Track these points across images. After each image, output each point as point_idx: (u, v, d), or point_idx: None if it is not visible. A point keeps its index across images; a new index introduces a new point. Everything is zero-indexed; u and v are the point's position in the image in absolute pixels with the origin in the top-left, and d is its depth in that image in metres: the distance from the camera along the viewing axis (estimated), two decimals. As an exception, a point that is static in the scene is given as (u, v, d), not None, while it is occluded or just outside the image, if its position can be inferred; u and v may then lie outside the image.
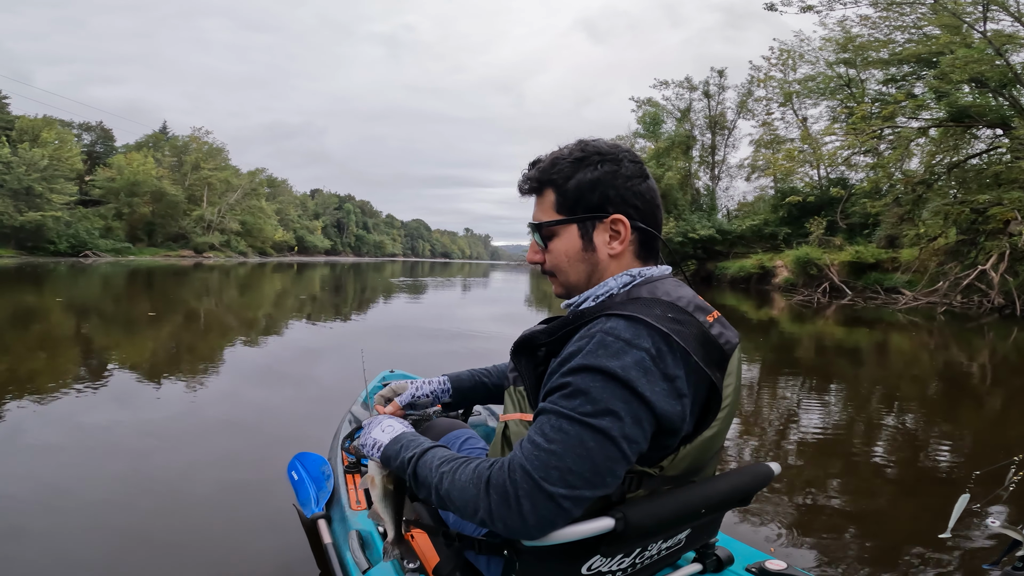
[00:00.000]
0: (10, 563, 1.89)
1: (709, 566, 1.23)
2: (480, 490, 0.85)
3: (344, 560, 1.43)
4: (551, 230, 1.04)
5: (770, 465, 1.16)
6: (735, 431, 3.81)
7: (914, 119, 16.33)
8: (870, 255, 18.83)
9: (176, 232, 49.79)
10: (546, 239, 1.05)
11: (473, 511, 0.86)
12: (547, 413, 0.86)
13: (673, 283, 1.01)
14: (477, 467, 0.88)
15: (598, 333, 0.87)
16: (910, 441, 3.83)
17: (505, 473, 0.83)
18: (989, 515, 1.48)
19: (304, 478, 1.96)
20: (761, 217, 26.98)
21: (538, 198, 1.06)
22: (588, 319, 0.92)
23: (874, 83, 21.15)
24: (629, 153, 1.04)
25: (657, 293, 0.96)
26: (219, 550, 2.07)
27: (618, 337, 0.86)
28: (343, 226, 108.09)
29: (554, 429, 0.83)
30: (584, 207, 1.01)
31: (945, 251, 15.30)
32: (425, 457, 0.96)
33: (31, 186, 36.10)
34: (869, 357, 7.83)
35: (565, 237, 1.03)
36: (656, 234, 1.05)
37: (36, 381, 4.45)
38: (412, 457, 0.97)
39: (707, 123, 31.67)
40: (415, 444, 1.00)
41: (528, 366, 1.01)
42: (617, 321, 0.88)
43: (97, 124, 56.26)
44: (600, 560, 0.98)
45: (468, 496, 0.86)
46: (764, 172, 24.10)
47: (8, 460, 2.82)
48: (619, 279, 1.01)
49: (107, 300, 12.43)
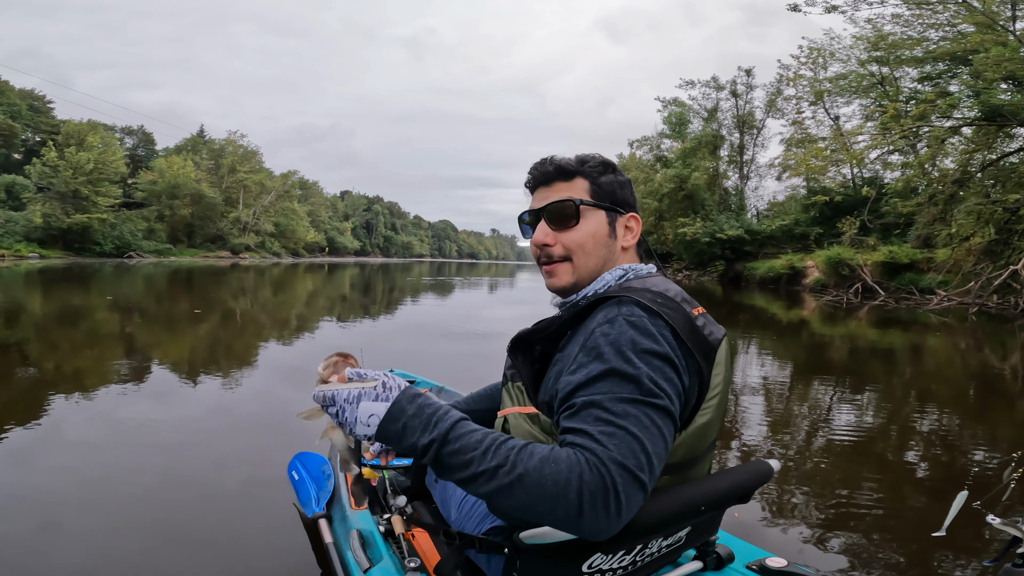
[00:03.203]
0: (45, 555, 1.96)
1: (710, 564, 1.24)
2: (565, 490, 0.76)
3: (345, 559, 1.42)
4: (585, 209, 1.09)
5: (770, 463, 1.18)
6: (742, 428, 3.89)
7: (946, 118, 15.93)
8: (904, 255, 18.41)
9: (214, 233, 51.29)
10: (570, 220, 1.08)
11: (548, 511, 0.77)
12: (597, 404, 0.83)
13: (662, 280, 1.08)
14: (549, 461, 0.78)
15: (619, 318, 0.91)
16: (916, 439, 3.81)
17: (599, 469, 0.76)
18: (989, 512, 1.43)
19: (304, 478, 1.96)
20: (792, 217, 26.55)
21: (564, 183, 1.11)
22: (586, 309, 0.99)
23: (908, 81, 20.67)
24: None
25: (647, 285, 1.02)
26: (231, 548, 2.08)
27: (639, 320, 0.90)
28: (372, 227, 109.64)
29: (620, 416, 0.81)
30: (613, 201, 1.11)
31: (978, 251, 14.91)
32: (456, 445, 0.82)
33: (78, 189, 37.56)
34: (889, 356, 7.76)
35: (594, 220, 1.09)
36: (646, 241, 1.20)
37: (81, 378, 4.69)
38: (433, 442, 0.82)
39: (735, 122, 31.32)
40: (429, 421, 0.84)
41: (525, 362, 1.06)
42: (631, 307, 0.92)
43: (139, 128, 58.49)
44: (601, 558, 0.98)
45: (543, 495, 0.77)
46: (792, 172, 23.69)
47: (50, 455, 2.92)
48: (614, 273, 1.09)
49: (153, 299, 12.98)
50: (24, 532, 2.09)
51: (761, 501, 2.61)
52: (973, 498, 1.52)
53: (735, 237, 26.72)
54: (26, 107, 46.03)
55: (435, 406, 0.87)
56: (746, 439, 3.65)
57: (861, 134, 19.63)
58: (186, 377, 4.88)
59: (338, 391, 0.87)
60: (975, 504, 1.54)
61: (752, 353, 7.41)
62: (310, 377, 0.94)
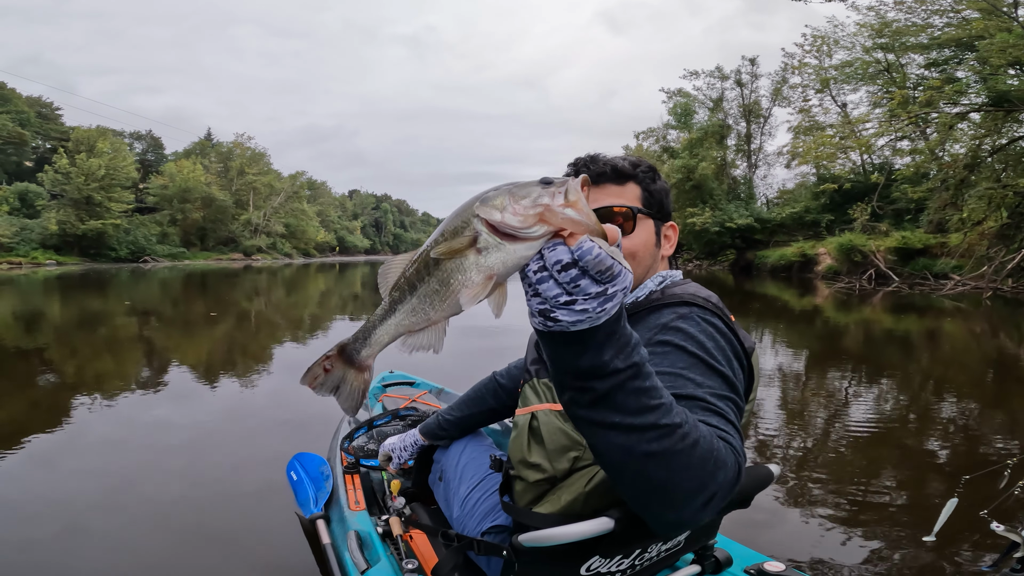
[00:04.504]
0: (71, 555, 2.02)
1: (708, 567, 1.23)
2: (722, 470, 0.69)
3: (343, 560, 1.40)
4: (642, 218, 1.08)
5: (770, 467, 1.18)
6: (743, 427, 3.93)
7: (954, 104, 15.75)
8: (917, 240, 18.24)
9: (226, 236, 51.71)
10: (635, 225, 1.07)
11: (694, 488, 0.68)
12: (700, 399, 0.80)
13: (695, 285, 1.08)
14: (714, 437, 0.71)
15: (694, 316, 0.92)
16: (917, 439, 3.77)
17: (737, 457, 0.73)
18: (989, 517, 1.47)
19: (303, 478, 1.96)
20: (802, 205, 26.37)
21: (616, 187, 1.09)
22: (644, 309, 0.99)
23: (915, 67, 20.40)
24: None
25: (690, 291, 1.02)
26: (231, 548, 2.09)
27: (716, 322, 0.93)
28: (381, 225, 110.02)
29: (723, 411, 0.80)
30: (661, 210, 1.12)
31: (991, 235, 14.77)
32: (648, 383, 0.65)
33: (90, 195, 37.94)
34: (900, 342, 7.70)
35: (646, 229, 1.09)
36: (680, 245, 1.21)
37: (102, 382, 4.81)
38: (630, 368, 0.64)
39: (741, 112, 31.08)
40: (629, 341, 0.64)
41: None
42: (704, 311, 0.94)
43: (147, 133, 59.04)
44: (599, 561, 0.98)
45: (703, 470, 0.67)
46: (801, 160, 23.50)
47: (74, 458, 2.98)
48: (655, 279, 1.09)
49: (170, 303, 13.20)
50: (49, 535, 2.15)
51: (760, 504, 2.58)
52: (972, 503, 1.58)
53: (745, 226, 26.59)
54: (34, 114, 46.51)
55: (627, 326, 0.65)
56: (747, 436, 3.64)
57: (869, 121, 19.41)
58: (203, 379, 4.99)
59: (623, 270, 0.58)
60: (983, 513, 1.58)
61: (765, 343, 7.43)
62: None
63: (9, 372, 5.19)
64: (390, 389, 2.60)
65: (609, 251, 0.55)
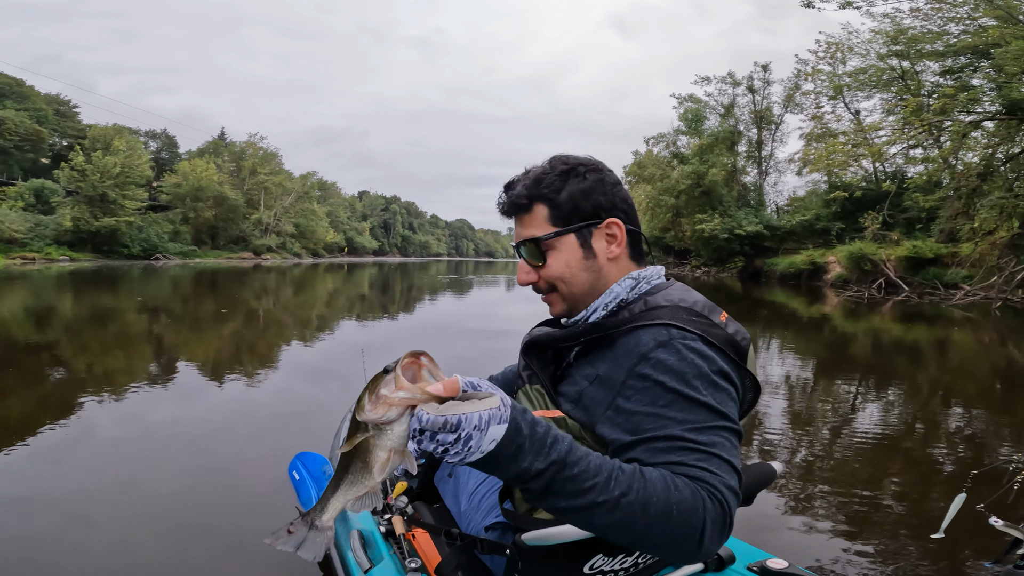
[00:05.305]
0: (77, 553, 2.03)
1: (710, 565, 1.23)
2: (692, 519, 0.72)
3: (346, 560, 1.40)
4: (549, 243, 1.02)
5: (773, 465, 1.17)
6: (747, 427, 3.92)
7: (968, 112, 15.63)
8: (928, 250, 18.10)
9: (237, 235, 52.11)
10: (543, 254, 1.03)
11: (667, 541, 0.73)
12: (680, 437, 0.79)
13: (681, 288, 1.02)
14: (672, 490, 0.73)
15: (673, 343, 0.87)
16: (919, 440, 3.78)
17: (717, 496, 0.74)
18: (992, 514, 1.47)
19: (305, 478, 1.94)
20: (812, 212, 26.22)
21: (526, 216, 1.04)
22: (623, 328, 0.93)
23: (930, 75, 20.26)
24: (604, 163, 1.08)
25: (674, 300, 0.96)
26: (231, 547, 2.10)
27: (694, 345, 0.87)
28: (390, 227, 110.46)
29: (708, 444, 0.79)
30: (580, 216, 1.01)
31: (1002, 245, 14.64)
32: (575, 470, 0.71)
33: (105, 193, 38.39)
34: (904, 351, 7.67)
35: (564, 248, 1.02)
36: (642, 235, 1.08)
37: (112, 378, 4.86)
38: (551, 466, 0.70)
39: (752, 118, 30.98)
40: (544, 442, 0.71)
41: (541, 365, 1.04)
42: (682, 332, 0.88)
43: (162, 131, 59.64)
44: (603, 559, 0.98)
45: (668, 525, 0.72)
46: (812, 167, 23.39)
47: (80, 452, 3.00)
48: (623, 284, 1.02)
49: (180, 300, 13.36)
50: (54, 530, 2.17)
51: (763, 502, 2.61)
52: (976, 500, 1.56)
53: (754, 233, 26.50)
54: (52, 112, 47.16)
55: (541, 422, 0.73)
56: (750, 436, 3.65)
57: (881, 128, 19.29)
58: (209, 376, 5.04)
59: (467, 415, 0.65)
60: (979, 507, 1.57)
61: (773, 350, 7.40)
62: (329, 376, 0.85)
63: (19, 366, 5.27)
64: None
65: (440, 410, 0.64)
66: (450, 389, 0.66)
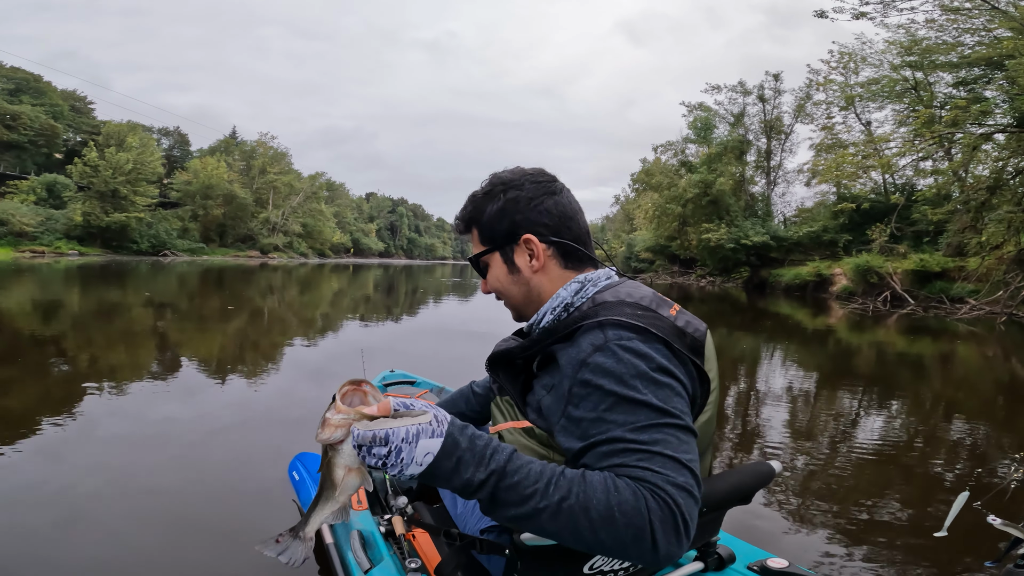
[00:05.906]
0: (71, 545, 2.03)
1: (711, 564, 1.23)
2: (637, 520, 0.74)
3: (346, 560, 1.41)
4: (485, 261, 1.11)
5: (771, 463, 1.18)
6: (743, 429, 3.93)
7: (978, 124, 15.55)
8: (935, 263, 17.97)
9: (245, 233, 52.48)
10: (483, 269, 1.13)
11: (618, 544, 0.75)
12: (621, 439, 0.80)
13: (631, 284, 1.04)
14: (612, 492, 0.75)
15: (609, 345, 0.87)
16: (920, 440, 3.80)
17: (660, 494, 0.75)
18: (991, 513, 1.46)
19: (305, 478, 1.95)
20: (820, 224, 26.09)
21: (468, 236, 1.14)
22: (568, 330, 0.94)
23: (943, 86, 20.17)
24: (532, 175, 1.10)
25: (620, 295, 0.98)
26: (231, 547, 2.09)
27: (630, 343, 0.87)
28: (396, 229, 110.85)
29: (650, 443, 0.79)
30: (499, 235, 1.08)
31: (1009, 260, 14.54)
32: (515, 478, 0.77)
33: (117, 189, 38.78)
34: (906, 362, 7.62)
35: (495, 266, 1.10)
36: (571, 244, 1.07)
37: (116, 373, 4.85)
38: (491, 476, 0.76)
39: (762, 127, 30.94)
40: (483, 454, 0.78)
41: (507, 377, 1.06)
42: (617, 331, 0.89)
43: (175, 129, 60.18)
44: (602, 559, 0.99)
45: (613, 528, 0.74)
46: (821, 178, 23.31)
47: (79, 448, 3.00)
48: (569, 288, 1.04)
49: (187, 297, 13.41)
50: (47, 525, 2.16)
51: (763, 502, 2.62)
52: (977, 499, 1.56)
53: (760, 243, 26.41)
54: (68, 108, 47.72)
55: (483, 436, 0.79)
56: (751, 440, 3.67)
57: (891, 140, 19.21)
58: (212, 374, 5.04)
59: (394, 429, 0.73)
60: (976, 504, 1.56)
61: (776, 361, 7.37)
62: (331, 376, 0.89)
63: (23, 359, 5.32)
64: (391, 388, 2.60)
65: (369, 426, 0.74)
66: (382, 409, 0.75)
